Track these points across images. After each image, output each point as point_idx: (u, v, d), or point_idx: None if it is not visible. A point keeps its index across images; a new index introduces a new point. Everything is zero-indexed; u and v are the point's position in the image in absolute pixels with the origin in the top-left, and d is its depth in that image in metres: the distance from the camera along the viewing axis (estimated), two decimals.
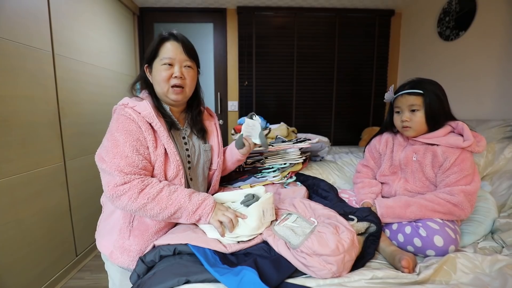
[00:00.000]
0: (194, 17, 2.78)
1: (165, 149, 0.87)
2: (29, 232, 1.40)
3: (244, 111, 2.86)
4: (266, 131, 1.05)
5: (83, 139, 1.80)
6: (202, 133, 1.04)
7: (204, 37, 2.82)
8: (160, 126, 0.86)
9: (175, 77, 0.90)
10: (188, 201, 0.82)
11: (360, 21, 2.80)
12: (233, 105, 2.87)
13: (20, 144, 1.34)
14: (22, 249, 1.35)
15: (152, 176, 0.87)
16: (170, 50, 0.90)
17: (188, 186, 0.95)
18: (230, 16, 2.74)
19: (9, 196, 1.28)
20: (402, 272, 0.76)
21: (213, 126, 1.10)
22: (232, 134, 1.94)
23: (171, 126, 0.93)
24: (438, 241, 0.84)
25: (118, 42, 2.31)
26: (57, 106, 1.58)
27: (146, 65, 0.95)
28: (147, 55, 0.94)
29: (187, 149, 0.96)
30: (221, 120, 2.90)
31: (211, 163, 1.06)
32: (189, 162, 0.95)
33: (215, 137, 1.08)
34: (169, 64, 0.90)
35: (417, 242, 0.87)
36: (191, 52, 0.95)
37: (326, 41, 2.81)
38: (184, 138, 0.97)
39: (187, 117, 1.03)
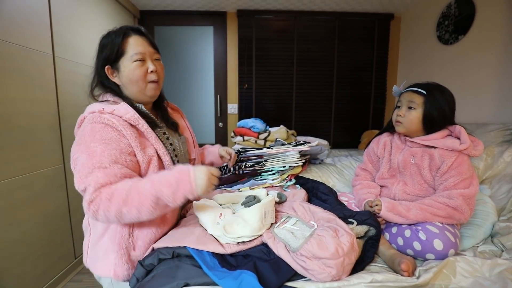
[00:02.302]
0: (194, 20, 2.79)
1: (155, 149, 0.84)
2: (28, 234, 1.39)
3: (243, 113, 2.86)
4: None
5: None
6: (175, 127, 1.03)
7: (204, 40, 2.84)
8: (147, 127, 0.83)
9: (151, 71, 0.86)
10: (162, 186, 0.72)
11: (360, 24, 2.81)
12: (233, 107, 2.87)
13: (20, 146, 1.34)
14: (21, 251, 1.35)
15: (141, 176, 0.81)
16: (138, 45, 0.85)
17: None
18: (230, 19, 2.75)
19: (8, 198, 1.28)
20: (402, 275, 0.76)
21: (181, 120, 1.11)
22: (232, 137, 1.94)
23: (153, 125, 0.89)
24: (438, 244, 0.84)
25: None
26: (57, 109, 1.58)
27: (107, 66, 0.87)
28: (107, 55, 0.85)
29: (171, 144, 0.96)
30: (221, 123, 2.91)
31: (189, 154, 1.07)
32: (176, 156, 0.96)
33: (186, 129, 1.09)
34: (141, 60, 0.85)
35: (417, 245, 0.87)
36: (155, 45, 0.91)
37: (325, 45, 2.83)
38: (165, 133, 0.96)
39: (158, 114, 1.01)
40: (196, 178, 0.73)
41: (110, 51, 0.84)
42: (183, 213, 1.01)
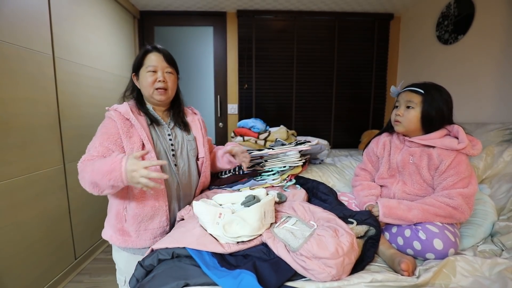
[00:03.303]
0: (194, 21, 2.80)
1: (140, 137, 1.00)
2: (28, 234, 1.39)
3: (244, 114, 2.86)
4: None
5: (83, 141, 1.77)
6: (184, 126, 1.18)
7: (204, 40, 2.84)
8: (135, 120, 1.01)
9: (159, 81, 1.06)
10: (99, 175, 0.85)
11: (359, 25, 2.82)
12: (233, 108, 2.87)
13: (20, 147, 1.34)
14: (21, 252, 1.35)
15: None
16: (153, 60, 1.07)
17: (172, 171, 1.08)
18: (230, 19, 2.75)
19: (8, 199, 1.28)
20: (402, 275, 0.76)
21: (196, 121, 1.24)
22: (232, 137, 1.94)
23: (152, 121, 1.08)
24: (438, 244, 0.84)
25: (118, 45, 2.32)
26: (57, 109, 1.59)
27: (133, 74, 1.12)
28: (133, 65, 1.10)
29: (170, 139, 1.10)
30: (221, 123, 2.91)
31: (198, 152, 1.19)
32: (172, 150, 1.09)
33: (198, 130, 1.21)
34: (153, 71, 1.06)
35: (417, 245, 0.87)
36: (170, 61, 1.11)
37: (325, 45, 2.83)
38: (168, 130, 1.12)
39: (170, 114, 1.19)
40: (127, 171, 0.82)
41: (135, 62, 1.10)
42: (181, 216, 1.02)
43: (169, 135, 1.10)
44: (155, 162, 0.82)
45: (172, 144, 1.09)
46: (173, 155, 1.09)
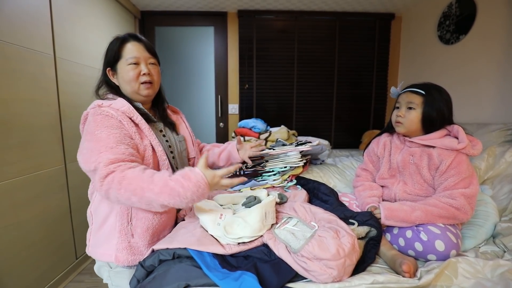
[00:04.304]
0: (195, 21, 2.79)
1: (149, 140, 0.90)
2: (29, 234, 1.39)
3: (244, 114, 2.86)
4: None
5: None
6: (172, 126, 1.08)
7: (204, 40, 2.84)
8: (141, 119, 0.89)
9: (144, 74, 0.93)
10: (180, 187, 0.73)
11: (360, 24, 2.81)
12: (233, 108, 2.87)
13: (21, 147, 1.34)
14: (22, 252, 1.35)
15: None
16: (133, 50, 0.93)
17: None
18: (230, 19, 2.75)
19: (9, 199, 1.28)
20: (403, 276, 0.75)
21: (180, 120, 1.15)
22: (233, 137, 1.94)
23: (147, 119, 0.95)
24: (439, 245, 0.84)
25: None
26: (58, 109, 1.59)
27: (108, 69, 0.96)
28: (107, 58, 0.95)
29: (167, 140, 1.01)
30: (221, 123, 2.91)
31: (188, 153, 1.11)
32: (171, 152, 1.00)
33: (184, 128, 1.14)
34: (135, 63, 0.93)
35: (418, 246, 0.87)
36: (152, 50, 0.98)
37: (326, 45, 2.82)
38: (161, 131, 1.02)
39: (156, 113, 1.07)
40: (211, 187, 0.77)
41: (110, 55, 0.94)
42: (182, 215, 1.02)
43: (164, 136, 1.01)
44: (232, 168, 0.81)
45: (169, 146, 1.00)
46: (173, 157, 1.01)
